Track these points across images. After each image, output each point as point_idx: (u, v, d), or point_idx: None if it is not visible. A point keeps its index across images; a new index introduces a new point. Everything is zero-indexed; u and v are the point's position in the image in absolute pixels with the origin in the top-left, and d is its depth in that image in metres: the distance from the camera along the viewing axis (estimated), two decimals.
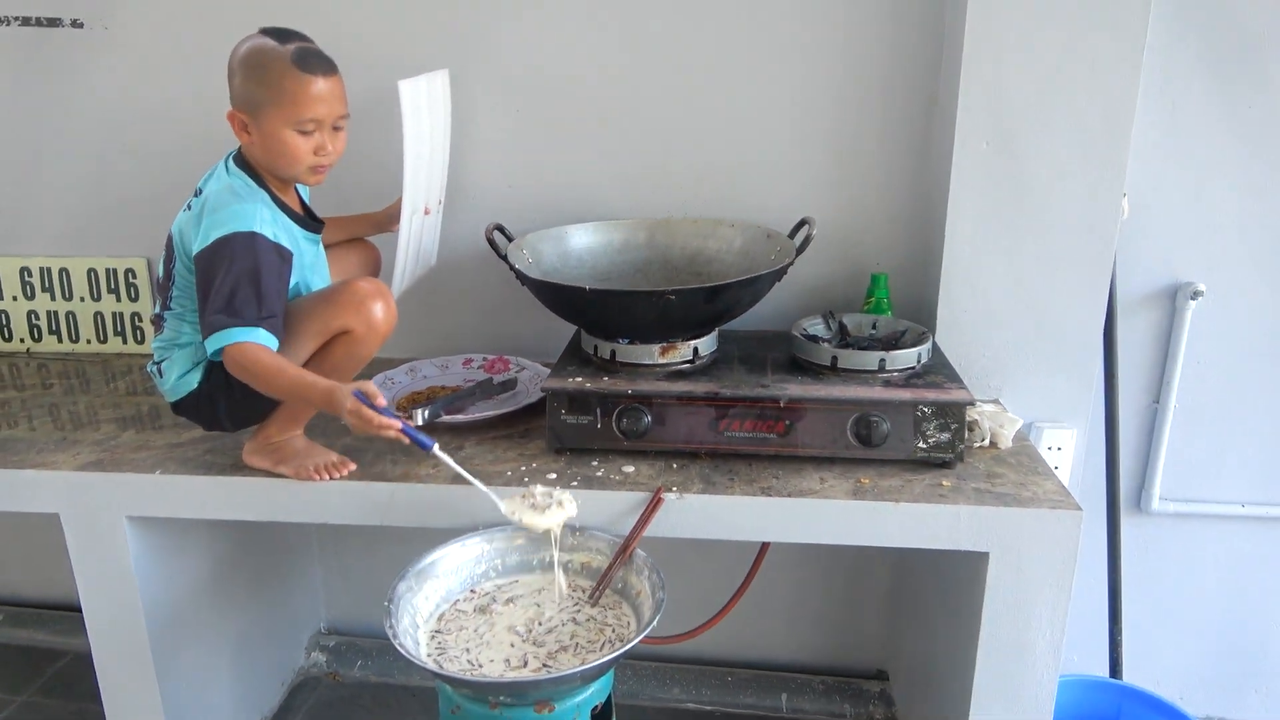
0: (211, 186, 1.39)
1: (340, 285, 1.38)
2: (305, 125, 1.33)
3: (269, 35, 1.34)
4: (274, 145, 1.34)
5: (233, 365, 1.29)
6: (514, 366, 1.86)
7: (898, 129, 1.77)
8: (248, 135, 1.36)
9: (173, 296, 1.42)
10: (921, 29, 1.71)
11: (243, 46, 1.36)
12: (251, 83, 1.33)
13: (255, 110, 1.33)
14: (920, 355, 1.53)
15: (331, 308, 1.36)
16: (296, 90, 1.31)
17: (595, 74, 1.80)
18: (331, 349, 1.38)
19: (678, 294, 1.44)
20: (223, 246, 1.29)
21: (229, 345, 1.27)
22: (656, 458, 1.50)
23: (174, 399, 1.45)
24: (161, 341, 1.45)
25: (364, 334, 1.36)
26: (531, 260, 1.71)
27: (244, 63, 1.34)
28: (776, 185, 1.83)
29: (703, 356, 1.58)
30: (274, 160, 1.37)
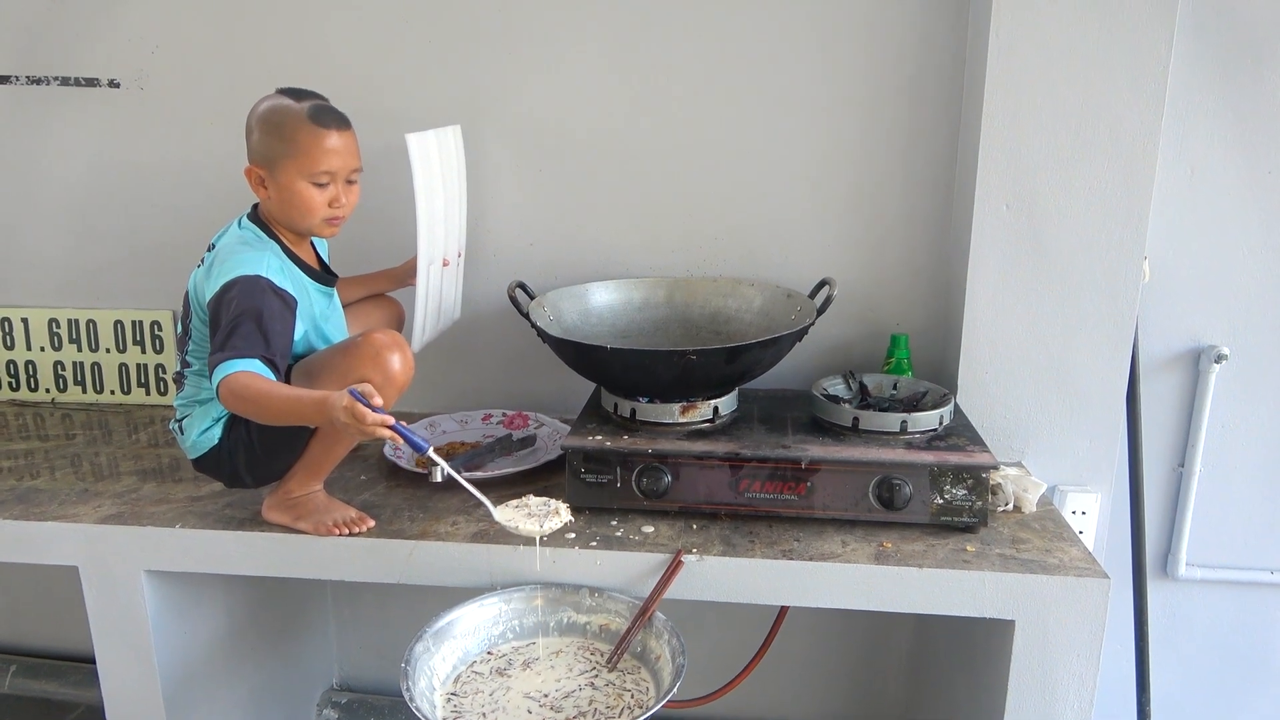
0: (223, 241, 1.42)
1: (357, 337, 1.39)
2: (319, 178, 1.37)
3: (286, 94, 1.39)
4: (289, 197, 1.38)
5: (228, 397, 1.26)
6: (533, 423, 1.87)
7: (918, 190, 1.79)
8: (264, 190, 1.40)
9: (189, 352, 1.44)
10: (941, 91, 1.73)
11: (261, 105, 1.40)
12: (268, 138, 1.37)
13: (272, 164, 1.37)
14: (942, 417, 1.52)
15: (348, 359, 1.37)
16: (311, 144, 1.36)
17: (617, 134, 1.83)
18: None
19: (699, 354, 1.44)
20: (229, 289, 1.31)
21: (225, 378, 1.25)
22: (676, 518, 1.49)
23: (195, 455, 1.45)
24: (182, 399, 1.46)
25: (380, 385, 1.35)
26: (552, 318, 1.72)
27: (261, 120, 1.38)
28: (796, 245, 1.84)
29: (723, 416, 1.58)
30: (289, 212, 1.40)
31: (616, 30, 1.78)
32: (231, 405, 1.28)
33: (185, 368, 1.45)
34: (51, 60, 1.93)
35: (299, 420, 1.31)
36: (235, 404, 1.27)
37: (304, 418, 1.30)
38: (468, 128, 1.79)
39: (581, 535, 1.43)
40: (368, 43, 1.84)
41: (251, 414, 1.30)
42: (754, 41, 1.76)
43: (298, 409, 1.27)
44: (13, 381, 2.10)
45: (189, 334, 1.44)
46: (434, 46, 1.82)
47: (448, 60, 1.83)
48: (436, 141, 1.67)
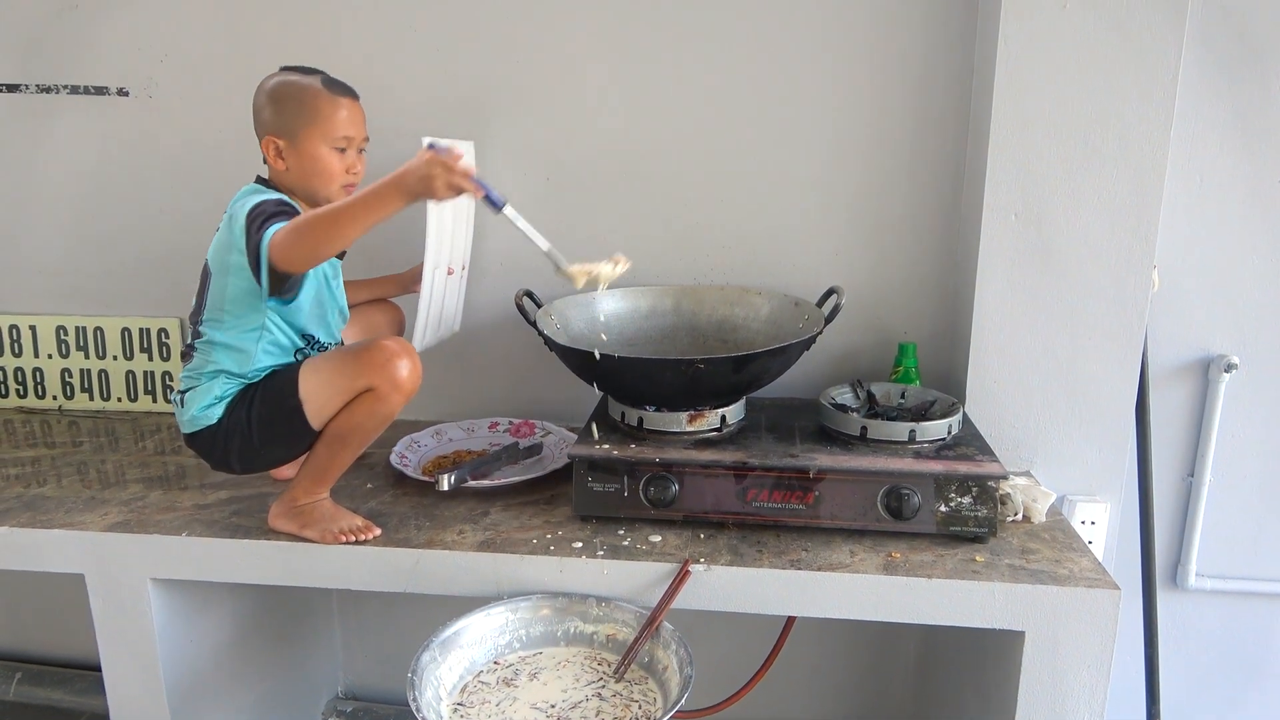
0: (237, 198, 1.42)
1: (367, 343, 1.39)
2: (340, 143, 1.42)
3: (292, 71, 1.45)
4: (310, 164, 1.42)
5: (284, 245, 1.24)
6: (539, 431, 1.86)
7: (926, 199, 1.78)
8: (281, 161, 1.42)
9: (202, 321, 1.42)
10: (949, 99, 1.73)
11: (270, 81, 1.44)
12: (288, 107, 1.40)
13: (293, 133, 1.40)
14: (951, 426, 1.51)
15: (357, 365, 1.37)
16: (331, 111, 1.41)
17: (624, 143, 1.83)
18: (356, 407, 1.38)
19: (707, 363, 1.44)
20: (257, 208, 1.32)
21: (272, 236, 1.25)
22: (684, 527, 1.48)
23: (190, 430, 1.44)
24: (189, 371, 1.45)
25: (388, 392, 1.36)
26: (559, 326, 1.72)
27: (277, 92, 1.42)
28: (804, 253, 1.84)
29: (730, 425, 1.58)
30: (310, 180, 1.43)
31: (626, 42, 1.79)
32: (291, 246, 1.23)
33: (196, 338, 1.44)
34: (60, 68, 1.93)
35: (377, 210, 1.19)
36: (296, 244, 1.23)
37: (380, 204, 1.19)
38: (477, 137, 1.80)
39: (588, 544, 1.42)
40: (378, 51, 1.84)
41: (318, 237, 1.22)
42: (762, 51, 1.76)
43: (367, 201, 1.19)
44: (20, 389, 2.10)
45: (203, 305, 1.43)
46: (443, 55, 1.83)
47: (457, 70, 1.83)
48: None
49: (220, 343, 1.41)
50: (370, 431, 1.42)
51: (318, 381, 1.38)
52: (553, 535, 1.46)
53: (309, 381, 1.38)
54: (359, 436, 1.42)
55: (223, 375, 1.41)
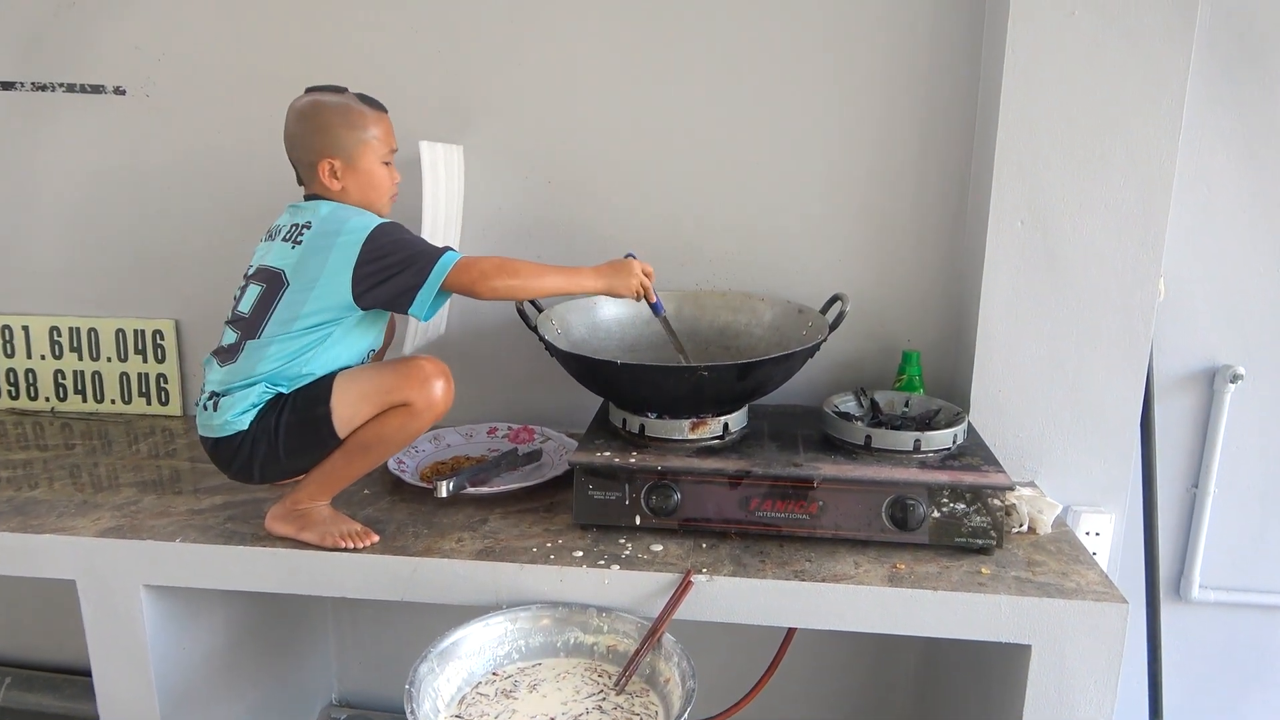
0: (321, 212, 1.41)
1: (406, 361, 1.40)
2: (388, 157, 1.47)
3: (322, 91, 1.46)
4: (369, 181, 1.45)
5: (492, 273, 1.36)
6: (539, 437, 1.84)
7: (931, 205, 1.77)
8: (337, 181, 1.44)
9: (264, 328, 1.39)
10: (956, 104, 1.71)
11: (305, 105, 1.44)
12: (338, 129, 1.42)
13: (349, 152, 1.43)
14: (956, 436, 1.50)
15: (396, 378, 1.37)
16: (379, 127, 1.46)
17: (626, 146, 1.81)
18: (386, 419, 1.38)
19: (710, 370, 1.42)
20: (379, 235, 1.36)
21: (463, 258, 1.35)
22: (685, 536, 1.46)
23: (218, 435, 1.40)
24: (228, 373, 1.40)
25: (422, 409, 1.37)
26: (560, 331, 1.70)
27: (321, 115, 1.43)
28: (808, 259, 1.82)
29: (733, 432, 1.56)
30: (369, 195, 1.46)
31: (628, 42, 1.77)
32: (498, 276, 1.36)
33: (247, 338, 1.39)
34: (57, 66, 1.91)
35: (576, 286, 1.44)
36: (505, 275, 1.37)
37: (580, 283, 1.44)
38: (470, 136, 1.78)
39: (589, 554, 1.40)
40: (372, 51, 1.82)
41: (526, 283, 1.39)
42: (766, 54, 1.74)
43: (571, 276, 1.43)
44: (12, 390, 2.08)
45: (267, 313, 1.38)
46: (437, 54, 1.81)
47: (453, 69, 1.81)
48: (444, 153, 1.67)
49: (277, 350, 1.38)
50: (395, 446, 1.41)
51: (354, 392, 1.38)
52: (552, 544, 1.44)
53: (343, 391, 1.38)
54: (382, 449, 1.40)
55: (263, 383, 1.39)
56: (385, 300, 1.36)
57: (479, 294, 1.36)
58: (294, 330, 1.39)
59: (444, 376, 1.38)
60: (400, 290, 1.35)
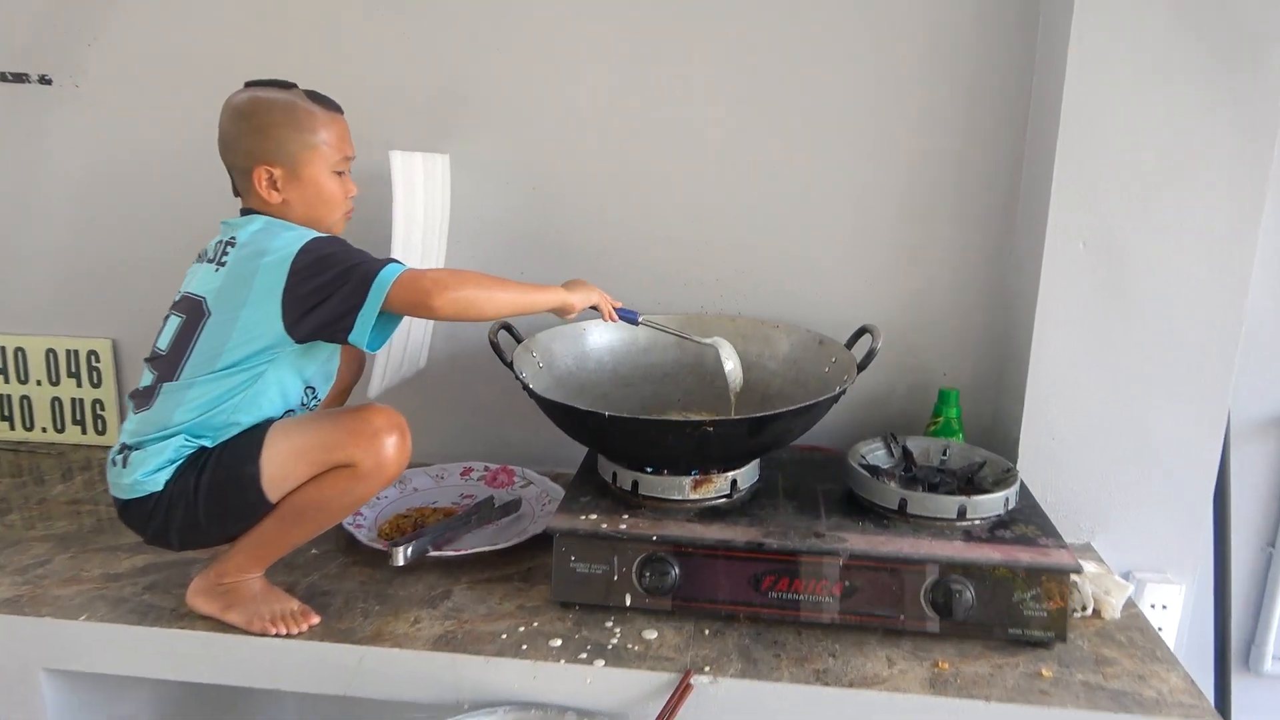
0: (250, 229, 1.19)
1: (352, 411, 1.16)
2: (340, 165, 1.25)
3: (265, 86, 1.24)
4: (314, 193, 1.23)
5: (446, 286, 1.11)
6: (519, 480, 1.61)
7: (974, 221, 1.53)
8: (277, 192, 1.21)
9: (184, 366, 1.16)
10: (1005, 103, 1.48)
11: (242, 102, 1.22)
12: (279, 131, 1.20)
13: (292, 159, 1.21)
14: (1007, 500, 1.26)
15: (339, 433, 1.14)
16: (332, 131, 1.23)
17: (622, 151, 1.58)
18: (326, 482, 1.15)
19: (716, 425, 1.19)
20: (309, 249, 1.13)
21: (407, 270, 1.12)
22: (684, 618, 1.23)
23: (127, 496, 1.18)
24: (141, 421, 1.18)
25: (369, 471, 1.13)
26: (542, 364, 1.47)
27: (259, 114, 1.20)
28: (830, 282, 1.58)
29: (742, 490, 1.33)
30: (316, 209, 1.24)
31: (626, 34, 1.53)
32: (455, 288, 1.12)
33: (164, 380, 1.17)
34: None
35: (537, 302, 1.23)
36: (462, 286, 1.13)
37: (542, 299, 1.23)
38: (454, 140, 1.55)
39: (569, 642, 1.17)
40: (335, 38, 1.58)
41: (490, 297, 1.15)
42: (783, 46, 1.50)
43: (532, 291, 1.22)
44: None
45: (187, 348, 1.16)
46: (411, 49, 1.57)
47: (429, 60, 1.58)
48: (423, 166, 1.45)
49: (199, 395, 1.16)
50: (336, 514, 1.19)
51: (287, 448, 1.15)
52: (527, 627, 1.20)
53: (276, 447, 1.14)
54: (321, 517, 1.18)
55: (183, 434, 1.16)
56: (320, 327, 1.12)
57: (432, 311, 1.11)
58: (218, 370, 1.15)
59: (398, 431, 1.15)
60: (335, 314, 1.10)
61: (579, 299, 1.26)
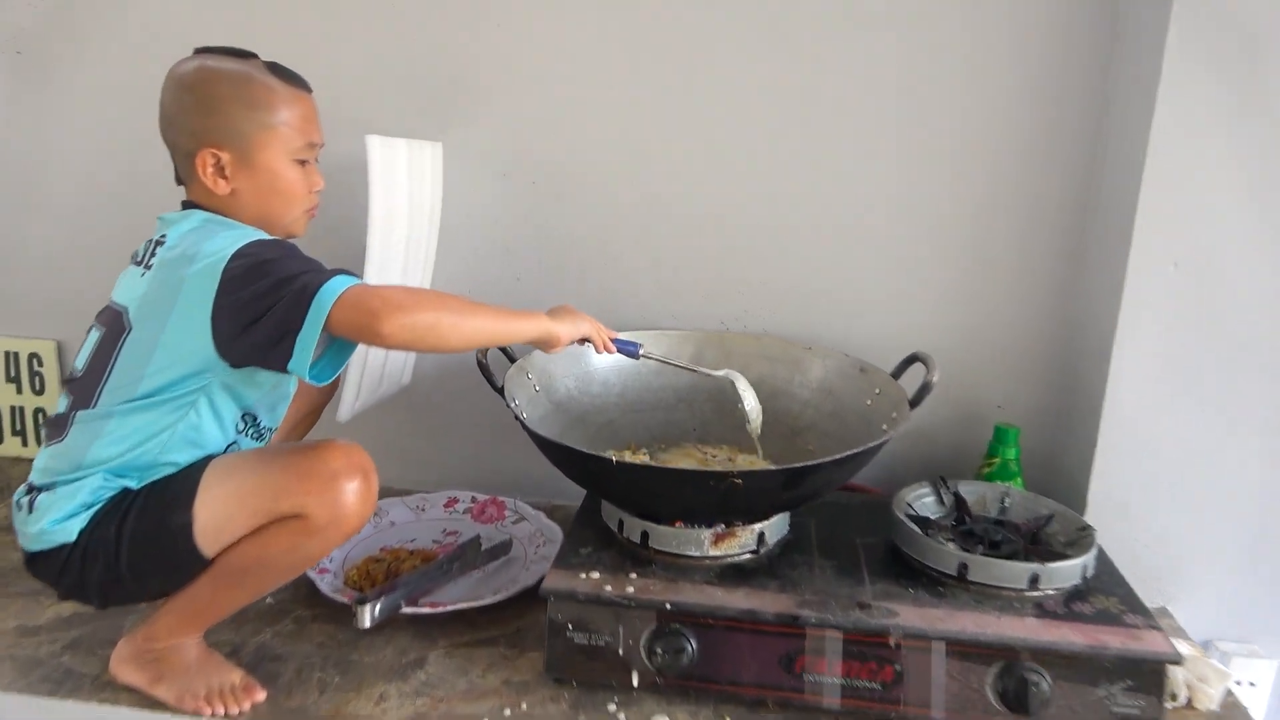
0: (184, 226, 1.00)
1: (306, 450, 0.96)
2: (303, 152, 1.05)
3: (219, 55, 1.04)
4: (269, 183, 1.03)
5: (402, 307, 0.89)
6: (510, 514, 1.42)
7: (1036, 238, 1.34)
8: (225, 181, 1.02)
9: (103, 390, 0.97)
10: (1079, 94, 1.28)
11: (189, 71, 1.02)
12: (231, 108, 1.00)
13: (244, 143, 1.01)
14: (1086, 567, 1.07)
15: (287, 478, 0.94)
16: (294, 110, 1.04)
17: (633, 140, 1.38)
18: (271, 537, 0.95)
19: (746, 477, 0.99)
20: (250, 249, 0.93)
21: (354, 286, 0.90)
22: (702, 702, 1.03)
23: (34, 548, 0.99)
24: (52, 458, 0.99)
25: (324, 524, 0.94)
26: (539, 388, 1.27)
27: (209, 87, 1.01)
28: (871, 298, 1.39)
29: (769, 544, 1.13)
30: (270, 203, 1.04)
31: (646, 8, 1.33)
32: (413, 309, 0.91)
33: (79, 407, 0.98)
34: None
35: (515, 329, 1.03)
36: (423, 306, 0.92)
37: (521, 326, 1.03)
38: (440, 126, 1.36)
39: None
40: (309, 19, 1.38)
41: (434, 316, 0.92)
42: (834, 33, 1.30)
43: (509, 316, 1.02)
44: None
45: (106, 367, 0.97)
46: (398, 9, 1.37)
47: (418, 33, 1.38)
48: (407, 154, 1.25)
49: (119, 428, 0.96)
50: (283, 573, 1.00)
51: (225, 494, 0.95)
52: (514, 710, 1.01)
53: (212, 492, 0.95)
54: (266, 577, 1.00)
55: (101, 474, 0.96)
56: (254, 351, 0.92)
57: (379, 337, 0.89)
58: (139, 397, 0.96)
59: (360, 475, 0.95)
60: (269, 337, 0.90)
61: (566, 330, 1.06)
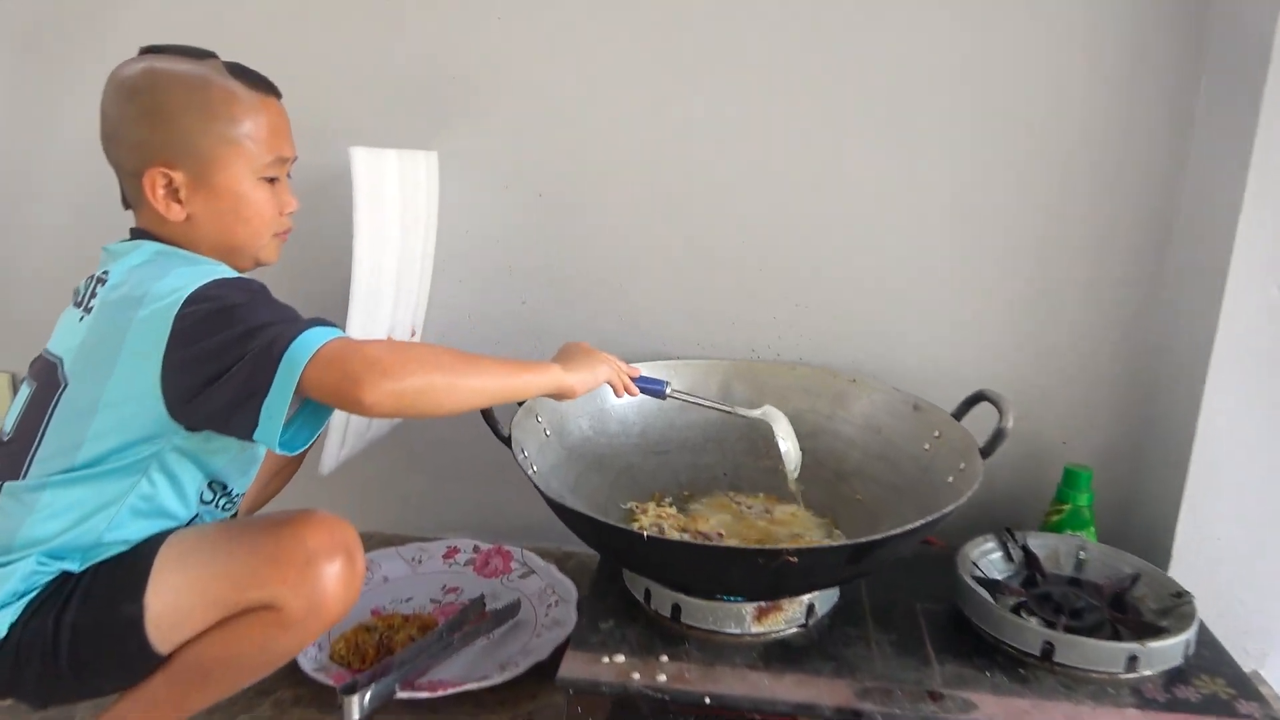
0: (131, 260, 0.85)
1: (277, 525, 0.81)
2: (271, 169, 0.91)
3: (172, 54, 0.89)
4: (233, 207, 0.89)
5: (391, 370, 0.75)
6: (517, 566, 1.27)
7: (1108, 255, 1.19)
8: (179, 205, 0.88)
9: (36, 458, 0.82)
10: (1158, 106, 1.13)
11: (138, 77, 0.88)
12: (187, 118, 0.86)
13: (200, 159, 0.87)
14: (1188, 645, 0.93)
15: (255, 562, 0.80)
16: (257, 120, 0.89)
17: (652, 147, 1.23)
18: (237, 631, 0.81)
19: (804, 555, 0.84)
20: (209, 291, 0.79)
21: (330, 346, 0.75)
22: None
23: None
24: None
25: (299, 616, 0.80)
26: (550, 433, 1.12)
27: (159, 93, 0.87)
28: (918, 323, 1.24)
29: (819, 615, 0.99)
30: (230, 231, 0.90)
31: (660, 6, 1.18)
32: (404, 374, 0.76)
33: (5, 479, 0.84)
34: None
35: (528, 384, 0.88)
36: (391, 365, 0.75)
37: (535, 379, 0.89)
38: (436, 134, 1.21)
39: None
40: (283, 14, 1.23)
41: (427, 378, 0.77)
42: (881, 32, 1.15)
43: (520, 370, 0.87)
44: None
45: (39, 430, 0.83)
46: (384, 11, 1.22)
47: (411, 29, 1.22)
48: (398, 167, 1.10)
49: (53, 502, 0.82)
50: (253, 672, 0.86)
51: (182, 581, 0.81)
52: None
53: (167, 579, 0.81)
54: (232, 678, 0.86)
55: (35, 555, 0.81)
56: (214, 416, 0.78)
57: (361, 407, 0.74)
58: (79, 466, 0.81)
59: (342, 556, 0.81)
60: (231, 401, 0.75)
61: (581, 380, 0.92)
